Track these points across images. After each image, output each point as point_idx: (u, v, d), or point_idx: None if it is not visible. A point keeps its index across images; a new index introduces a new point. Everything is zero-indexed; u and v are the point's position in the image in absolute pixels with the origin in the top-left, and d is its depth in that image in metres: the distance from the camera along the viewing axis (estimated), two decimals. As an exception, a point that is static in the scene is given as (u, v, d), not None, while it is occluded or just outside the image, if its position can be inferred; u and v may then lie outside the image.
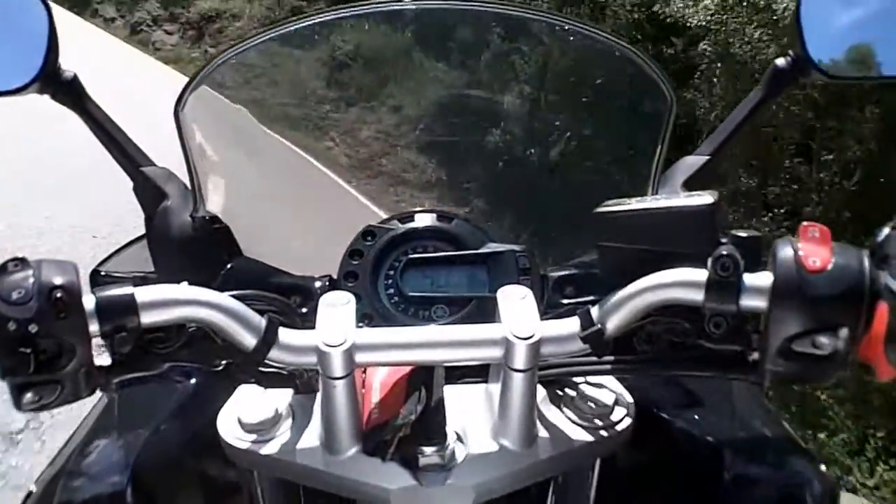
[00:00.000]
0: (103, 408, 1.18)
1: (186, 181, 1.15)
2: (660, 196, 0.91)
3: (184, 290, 0.79)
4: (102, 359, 0.78)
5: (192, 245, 1.11)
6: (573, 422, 0.88)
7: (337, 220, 1.48)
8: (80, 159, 5.09)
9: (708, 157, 1.14)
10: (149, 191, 1.12)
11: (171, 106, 1.11)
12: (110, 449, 1.10)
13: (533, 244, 1.12)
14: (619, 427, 0.87)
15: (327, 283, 1.10)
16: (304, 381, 0.87)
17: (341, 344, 0.76)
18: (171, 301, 0.77)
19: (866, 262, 0.70)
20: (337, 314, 0.80)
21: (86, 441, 1.12)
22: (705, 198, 0.78)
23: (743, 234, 0.77)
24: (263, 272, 1.11)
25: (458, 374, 0.92)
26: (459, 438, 0.85)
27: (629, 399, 0.90)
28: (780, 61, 1.10)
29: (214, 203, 1.15)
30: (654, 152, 1.18)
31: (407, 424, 0.81)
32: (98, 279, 1.17)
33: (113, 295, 0.75)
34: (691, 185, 1.12)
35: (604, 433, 0.87)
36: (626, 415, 0.88)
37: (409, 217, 1.16)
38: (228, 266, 1.10)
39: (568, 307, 1.02)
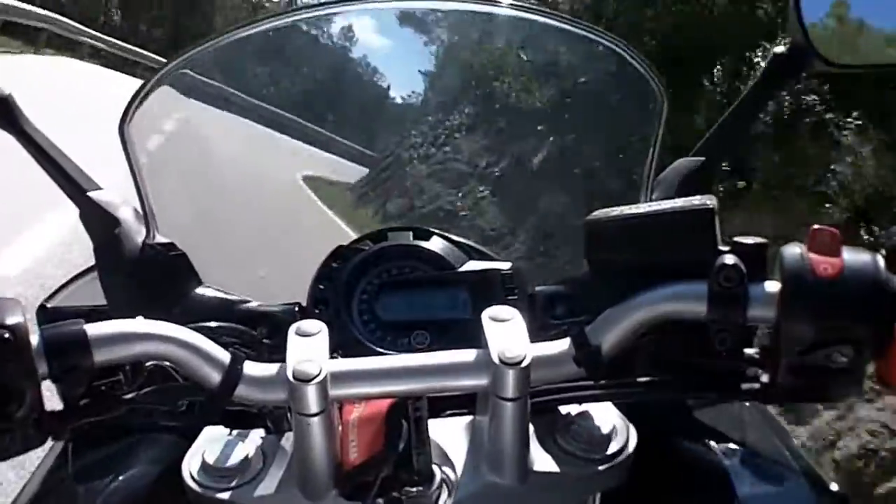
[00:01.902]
0: (56, 457, 1.12)
1: (137, 205, 1.09)
2: (653, 202, 0.88)
3: (139, 323, 0.75)
4: (54, 403, 0.73)
5: (147, 275, 1.05)
6: (570, 453, 0.83)
7: (306, 241, 1.43)
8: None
9: (704, 159, 1.09)
10: (97, 217, 1.06)
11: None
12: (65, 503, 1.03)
13: (519, 258, 1.06)
14: (619, 458, 0.83)
15: (296, 311, 1.05)
16: (275, 420, 0.82)
17: (314, 377, 0.71)
18: (125, 336, 0.73)
19: (882, 266, 0.67)
20: (308, 344, 0.75)
21: (38, 496, 1.06)
22: (703, 201, 0.74)
23: (746, 240, 0.73)
24: (226, 302, 1.06)
25: (443, 405, 0.87)
26: (447, 476, 0.81)
27: (629, 426, 0.85)
28: (779, 50, 1.06)
29: (169, 228, 1.10)
30: (646, 155, 1.13)
31: (389, 463, 0.76)
32: (46, 315, 1.12)
33: (62, 332, 0.71)
34: (687, 189, 1.06)
35: (603, 465, 0.82)
36: (626, 443, 0.83)
37: (382, 236, 1.10)
38: (187, 296, 1.05)
39: (559, 328, 0.96)
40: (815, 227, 0.68)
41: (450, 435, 0.84)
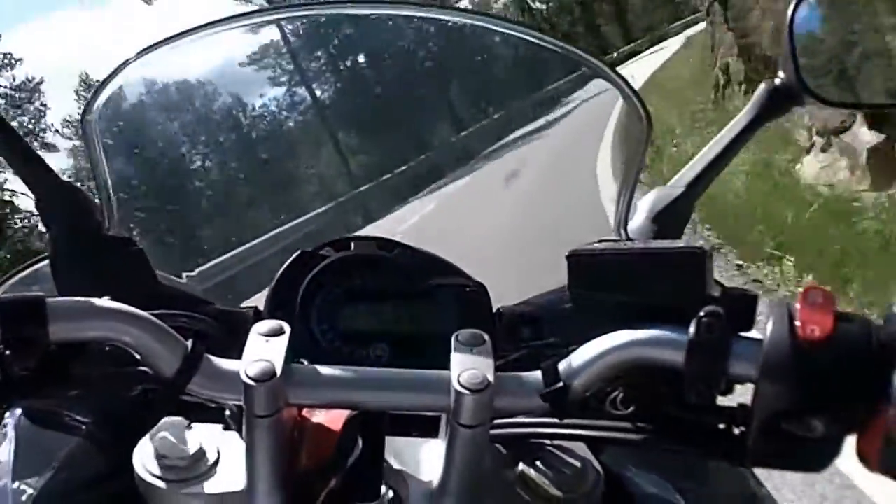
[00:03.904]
0: None
1: (96, 197, 1.07)
2: (641, 240, 0.86)
3: (100, 301, 0.72)
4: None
5: (102, 267, 1.03)
6: (531, 490, 0.81)
7: (269, 245, 1.39)
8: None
9: (682, 190, 1.07)
10: (53, 208, 1.04)
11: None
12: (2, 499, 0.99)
13: (488, 278, 1.04)
14: (583, 501, 0.81)
15: (251, 316, 1.02)
16: (234, 416, 0.80)
17: (269, 378, 0.69)
18: (85, 311, 0.71)
19: (874, 335, 0.63)
20: (268, 345, 0.73)
21: None
22: (696, 244, 0.71)
23: (737, 291, 0.70)
24: (183, 300, 1.03)
25: (408, 425, 0.85)
26: (397, 497, 0.79)
27: (597, 466, 0.83)
28: (770, 85, 1.05)
29: (128, 223, 1.09)
30: (625, 182, 1.10)
31: (338, 476, 0.74)
32: None
33: (20, 299, 0.68)
34: (662, 220, 1.06)
35: None
36: (594, 485, 0.81)
37: (346, 244, 1.07)
38: (143, 290, 0.99)
39: (523, 351, 0.94)
40: (809, 285, 0.65)
41: (409, 456, 0.82)
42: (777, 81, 1.04)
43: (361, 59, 1.47)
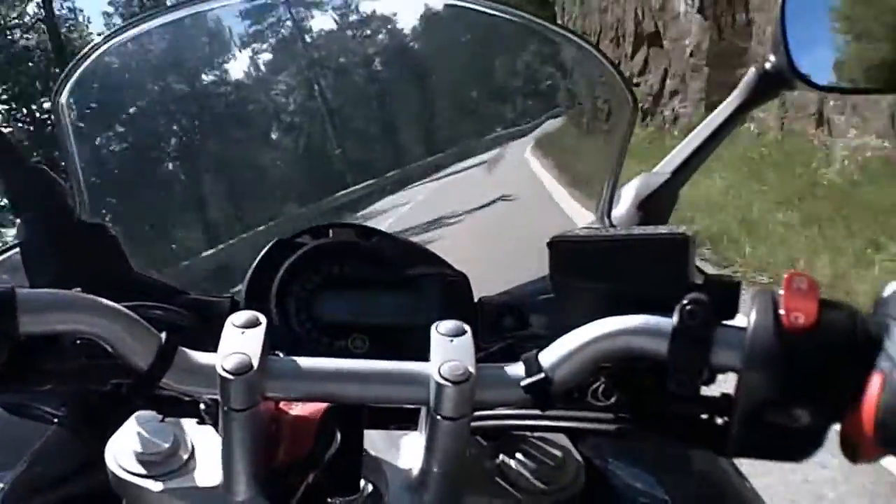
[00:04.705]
0: None
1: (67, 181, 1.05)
2: (624, 227, 0.86)
3: (73, 295, 0.71)
4: None
5: (75, 255, 1.01)
6: (511, 482, 0.81)
7: (247, 241, 1.38)
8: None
9: (668, 176, 1.06)
10: (23, 192, 1.02)
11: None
12: None
13: (469, 268, 1.03)
14: (564, 493, 0.80)
15: (228, 306, 1.00)
16: (209, 410, 0.78)
17: (245, 371, 0.68)
18: (57, 304, 0.69)
19: (860, 325, 0.62)
20: (244, 337, 0.72)
21: None
22: (679, 230, 0.70)
23: (720, 278, 0.69)
24: (158, 288, 1.01)
25: (388, 418, 0.84)
26: (376, 490, 0.79)
27: (578, 458, 0.83)
28: (760, 69, 1.04)
29: (101, 209, 1.07)
30: (608, 166, 1.09)
31: (316, 469, 0.74)
32: None
33: None
34: (648, 206, 1.05)
35: (546, 498, 0.80)
36: (574, 477, 0.81)
37: (324, 232, 1.05)
38: (117, 279, 0.99)
39: (506, 341, 0.95)
40: (792, 272, 0.64)
41: (388, 449, 0.82)
42: (767, 65, 1.03)
43: (337, 49, 1.46)
